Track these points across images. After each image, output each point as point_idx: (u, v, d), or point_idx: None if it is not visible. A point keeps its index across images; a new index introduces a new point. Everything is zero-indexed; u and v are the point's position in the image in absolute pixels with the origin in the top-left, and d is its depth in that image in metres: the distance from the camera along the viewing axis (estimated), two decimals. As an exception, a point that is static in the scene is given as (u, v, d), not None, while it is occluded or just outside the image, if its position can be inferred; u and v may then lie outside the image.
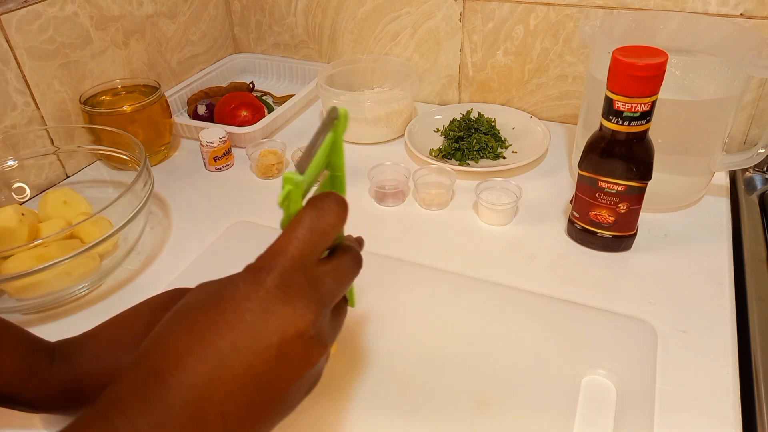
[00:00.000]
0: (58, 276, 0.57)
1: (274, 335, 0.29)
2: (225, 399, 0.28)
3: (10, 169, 0.74)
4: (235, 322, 0.29)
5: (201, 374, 0.28)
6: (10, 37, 0.72)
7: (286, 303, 0.30)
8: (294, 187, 0.32)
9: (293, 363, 0.30)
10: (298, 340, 0.30)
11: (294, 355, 0.30)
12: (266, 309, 0.30)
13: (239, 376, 0.29)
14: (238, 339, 0.29)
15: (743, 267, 0.61)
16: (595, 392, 0.49)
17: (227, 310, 0.30)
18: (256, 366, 0.29)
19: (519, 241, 0.67)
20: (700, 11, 0.75)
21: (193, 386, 0.28)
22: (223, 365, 0.29)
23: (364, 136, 0.88)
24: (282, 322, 0.30)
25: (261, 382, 0.29)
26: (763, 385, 0.48)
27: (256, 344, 0.29)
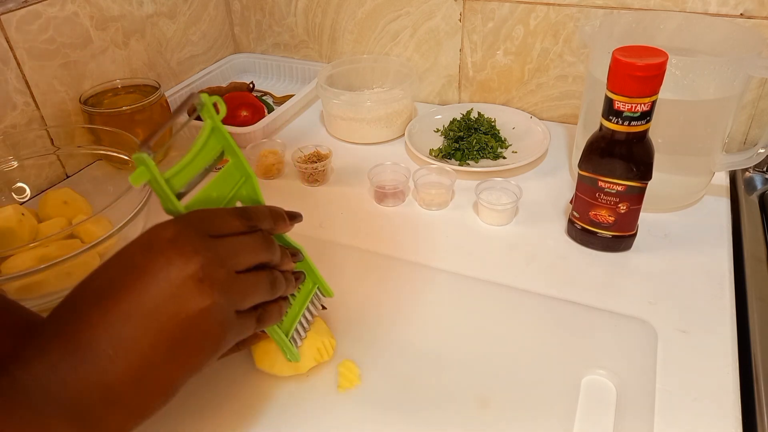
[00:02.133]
0: (58, 276, 0.57)
1: (166, 277, 0.33)
2: (117, 338, 0.32)
3: (10, 169, 0.74)
4: (130, 273, 0.34)
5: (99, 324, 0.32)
6: (10, 37, 0.72)
7: (176, 251, 0.34)
8: (144, 166, 0.35)
9: (185, 303, 0.33)
10: (188, 281, 0.33)
11: (184, 295, 0.33)
12: (160, 256, 0.34)
13: (131, 319, 0.32)
14: (131, 287, 0.33)
15: (743, 267, 0.61)
16: (595, 392, 0.49)
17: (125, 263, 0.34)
18: (147, 307, 0.33)
19: (519, 241, 0.67)
20: (700, 11, 0.75)
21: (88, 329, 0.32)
22: (117, 312, 0.32)
23: (364, 136, 0.88)
24: (172, 265, 0.33)
25: (155, 321, 0.33)
26: (763, 385, 0.48)
27: (150, 286, 0.33)
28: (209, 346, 0.35)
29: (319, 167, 0.77)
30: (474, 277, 0.61)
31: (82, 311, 0.33)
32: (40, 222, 0.66)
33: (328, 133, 0.92)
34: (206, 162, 0.41)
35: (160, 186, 0.37)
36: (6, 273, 0.54)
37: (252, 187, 0.46)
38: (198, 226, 0.36)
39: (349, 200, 0.76)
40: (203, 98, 0.40)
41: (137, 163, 0.35)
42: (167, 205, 0.38)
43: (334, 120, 0.89)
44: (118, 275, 0.34)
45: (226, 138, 0.42)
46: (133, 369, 0.32)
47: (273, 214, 0.42)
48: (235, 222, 0.38)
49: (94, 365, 0.31)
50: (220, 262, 0.35)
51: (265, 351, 0.50)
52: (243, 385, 0.50)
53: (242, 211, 0.40)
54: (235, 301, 0.36)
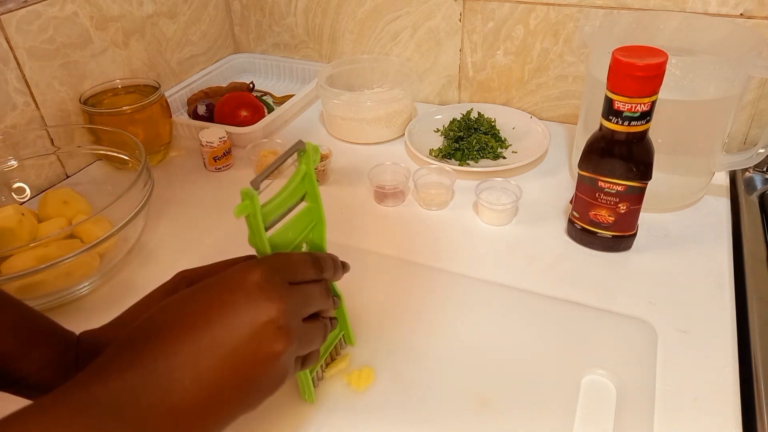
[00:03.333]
0: (58, 276, 0.57)
1: (250, 319, 0.35)
2: (194, 370, 0.33)
3: (10, 169, 0.74)
4: (216, 309, 0.35)
5: (178, 352, 0.33)
6: (10, 37, 0.72)
7: (262, 295, 0.35)
8: (250, 201, 0.37)
9: (261, 345, 0.35)
10: (269, 325, 0.35)
11: (263, 338, 0.35)
12: (246, 298, 0.35)
13: (211, 352, 0.33)
14: (216, 322, 0.34)
15: (743, 267, 0.61)
16: (595, 392, 0.49)
17: (212, 299, 0.35)
18: (228, 344, 0.34)
19: (519, 241, 0.67)
20: (700, 11, 0.75)
21: (167, 356, 0.33)
22: (199, 344, 0.33)
23: (364, 136, 0.88)
24: (257, 308, 0.35)
25: (231, 360, 0.34)
26: (763, 385, 0.48)
27: (233, 325, 0.34)
28: (270, 388, 0.36)
29: (319, 167, 0.77)
30: (474, 277, 0.61)
31: (163, 337, 0.34)
32: (40, 222, 0.66)
33: (328, 133, 0.92)
34: (291, 203, 0.43)
35: (258, 223, 0.38)
36: (6, 273, 0.54)
37: (320, 232, 0.47)
38: (282, 272, 0.38)
39: (349, 200, 0.76)
40: (307, 145, 0.43)
41: (244, 197, 0.37)
42: (256, 241, 0.40)
43: (334, 120, 0.89)
44: (203, 309, 0.35)
45: (313, 184, 0.44)
46: (203, 401, 0.33)
47: (335, 264, 0.44)
48: (310, 271, 0.40)
49: (169, 392, 0.32)
50: (297, 310, 0.37)
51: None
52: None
53: (316, 259, 0.42)
54: (301, 348, 0.38)
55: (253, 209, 0.37)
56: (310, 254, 0.42)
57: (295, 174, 0.43)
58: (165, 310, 0.36)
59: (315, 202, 0.45)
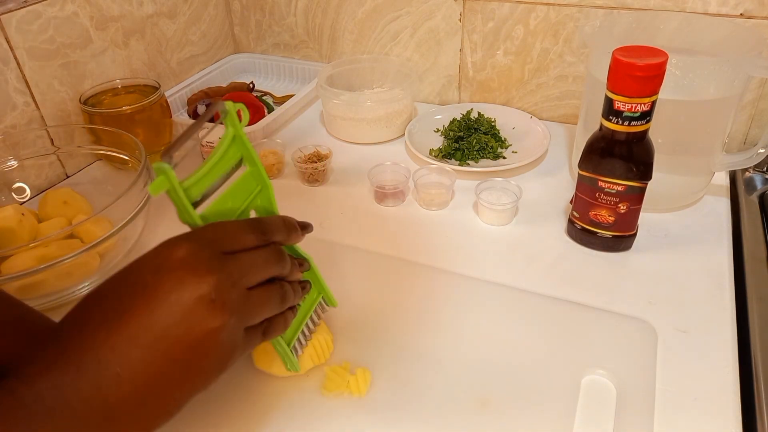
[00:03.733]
0: (58, 276, 0.57)
1: (177, 299, 0.32)
2: (124, 360, 0.31)
3: (10, 169, 0.74)
4: (140, 293, 0.33)
5: (105, 344, 0.31)
6: (10, 37, 0.72)
7: (188, 271, 0.33)
8: (164, 176, 0.35)
9: (195, 324, 0.33)
10: (200, 302, 0.33)
11: (195, 316, 0.33)
12: (171, 276, 0.33)
13: (141, 339, 0.32)
14: (141, 306, 0.32)
15: (743, 267, 0.61)
16: (595, 392, 0.49)
17: (134, 282, 0.34)
18: (157, 328, 0.32)
19: (519, 241, 0.67)
20: (700, 11, 0.75)
21: (93, 349, 0.31)
22: (127, 332, 0.32)
23: (364, 136, 0.88)
24: (184, 286, 0.33)
25: (165, 342, 0.32)
26: (763, 385, 0.48)
27: (160, 308, 0.32)
28: (216, 366, 0.35)
29: (319, 167, 0.77)
30: (474, 277, 0.61)
31: (88, 330, 0.32)
32: (40, 222, 0.66)
33: (328, 133, 0.92)
34: (224, 170, 0.40)
35: (179, 197, 0.36)
36: (6, 273, 0.54)
37: (268, 196, 0.45)
38: (212, 244, 0.35)
39: (349, 200, 0.76)
40: (227, 106, 0.40)
41: (157, 172, 0.35)
42: (184, 217, 0.38)
43: (334, 120, 0.89)
44: (127, 294, 0.33)
45: (247, 146, 0.42)
46: (138, 390, 0.32)
47: (286, 226, 0.42)
48: (249, 237, 0.38)
49: (99, 385, 0.31)
50: (233, 281, 0.35)
51: (264, 350, 0.50)
52: (241, 383, 0.50)
53: (256, 224, 0.39)
54: (246, 319, 0.36)
55: (169, 184, 0.35)
56: (248, 219, 0.40)
57: (222, 138, 0.40)
58: (88, 300, 0.34)
59: (254, 165, 0.42)
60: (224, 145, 0.40)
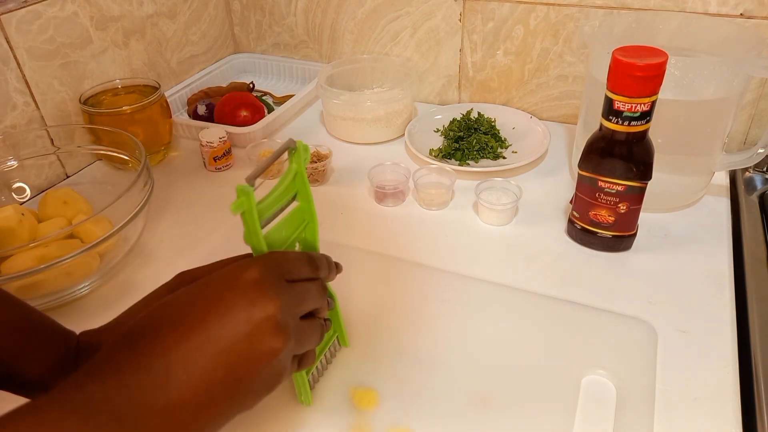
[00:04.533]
0: (58, 276, 0.57)
1: (247, 316, 0.34)
2: (190, 367, 0.33)
3: (10, 169, 0.74)
4: (213, 306, 0.35)
5: (174, 349, 0.33)
6: (10, 37, 0.72)
7: (259, 293, 0.35)
8: (246, 197, 0.37)
9: (259, 343, 0.34)
10: (266, 322, 0.35)
11: (260, 335, 0.34)
12: (243, 295, 0.35)
13: (208, 350, 0.33)
14: (213, 319, 0.34)
15: (743, 267, 0.61)
16: (595, 392, 0.49)
17: (209, 296, 0.35)
18: (225, 341, 0.34)
19: (519, 241, 0.67)
20: (700, 11, 0.75)
21: (164, 354, 0.33)
22: (196, 341, 0.33)
23: (364, 136, 0.88)
24: (254, 306, 0.35)
25: (230, 355, 0.34)
26: (763, 385, 0.48)
27: (231, 322, 0.34)
28: (267, 386, 0.36)
29: (319, 167, 0.77)
30: (474, 277, 0.61)
31: (160, 335, 0.34)
32: (40, 222, 0.66)
33: (328, 133, 0.92)
34: (283, 201, 0.43)
35: (254, 219, 0.38)
36: (6, 273, 0.54)
37: (313, 231, 0.47)
38: (279, 270, 0.38)
39: (349, 200, 0.76)
40: (297, 144, 0.43)
41: (240, 194, 0.37)
42: (251, 238, 0.39)
43: (334, 120, 0.89)
44: (199, 306, 0.35)
45: (305, 183, 0.45)
46: (198, 398, 0.33)
47: (329, 264, 0.44)
48: (306, 269, 0.40)
49: (165, 389, 0.32)
50: (293, 308, 0.37)
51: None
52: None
53: (311, 258, 0.42)
54: (299, 346, 0.38)
55: (248, 206, 0.37)
56: (305, 253, 0.42)
57: (286, 172, 0.43)
58: (161, 308, 0.36)
59: (306, 201, 0.45)
60: (288, 178, 0.43)
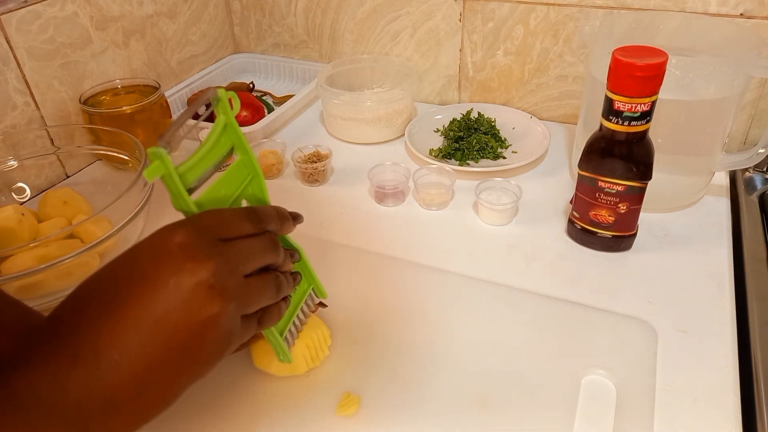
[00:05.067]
0: (58, 276, 0.57)
1: (176, 284, 0.32)
2: (122, 347, 0.31)
3: (10, 169, 0.74)
4: (138, 279, 0.33)
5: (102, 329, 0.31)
6: (10, 37, 0.72)
7: (187, 256, 0.33)
8: (160, 161, 0.34)
9: (194, 310, 0.32)
10: (199, 287, 0.33)
11: (194, 302, 0.32)
12: (170, 262, 0.33)
13: (139, 326, 0.31)
14: (139, 293, 0.32)
15: (743, 267, 0.61)
16: (595, 392, 0.49)
17: (132, 268, 0.33)
18: (156, 315, 0.32)
19: (519, 241, 0.67)
20: (700, 11, 0.75)
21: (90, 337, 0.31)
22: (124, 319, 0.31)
23: (364, 136, 0.88)
24: (183, 272, 0.32)
25: (164, 328, 0.32)
26: (763, 385, 0.48)
27: (159, 294, 0.32)
28: (215, 353, 0.34)
29: (319, 167, 0.77)
30: (474, 277, 0.61)
31: (85, 317, 0.32)
32: (40, 222, 0.66)
33: (328, 133, 0.92)
34: (217, 158, 0.40)
35: (174, 182, 0.36)
36: (6, 273, 0.54)
37: (259, 185, 0.45)
38: (209, 230, 0.35)
39: (349, 200, 0.76)
40: (219, 93, 0.40)
41: (153, 157, 0.34)
42: (179, 203, 0.37)
43: (334, 120, 0.89)
44: (125, 280, 0.33)
45: (238, 134, 0.42)
46: (137, 377, 0.31)
47: (279, 215, 0.42)
48: (245, 225, 0.38)
49: (97, 373, 0.30)
50: (231, 267, 0.35)
51: (264, 350, 0.50)
52: (240, 383, 0.50)
53: (252, 212, 0.39)
54: (244, 306, 0.36)
55: (165, 169, 0.35)
56: (244, 208, 0.40)
57: (214, 126, 0.40)
58: (82, 288, 0.34)
59: (245, 153, 0.43)
60: (216, 132, 0.40)
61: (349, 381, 0.50)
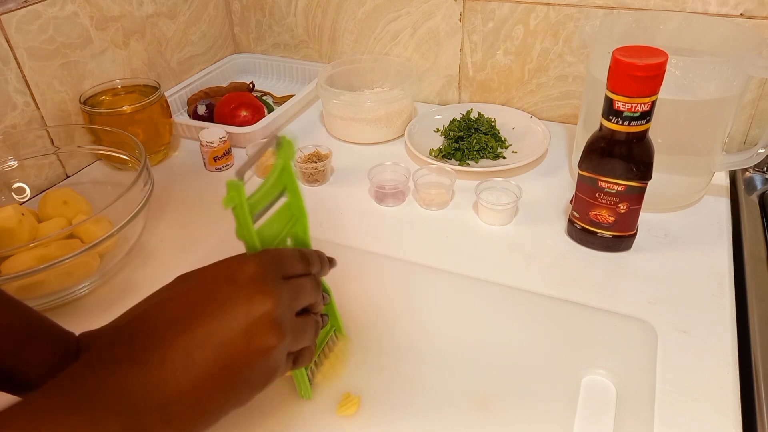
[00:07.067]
0: (58, 276, 0.57)
1: (245, 311, 0.35)
2: (187, 360, 0.33)
3: (10, 169, 0.74)
4: (211, 302, 0.35)
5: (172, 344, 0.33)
6: (10, 37, 0.72)
7: (257, 289, 0.36)
8: (236, 191, 0.37)
9: (255, 339, 0.35)
10: (263, 318, 0.35)
11: (257, 331, 0.35)
12: (241, 291, 0.35)
13: (205, 344, 0.34)
14: (210, 314, 0.34)
15: (743, 267, 0.61)
16: (595, 392, 0.49)
17: (206, 292, 0.36)
18: (221, 337, 0.34)
19: (519, 241, 0.67)
20: (700, 11, 0.75)
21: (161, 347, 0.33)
22: (193, 336, 0.34)
23: (364, 136, 0.88)
24: (252, 302, 0.35)
25: (226, 350, 0.34)
26: (763, 385, 0.48)
27: (228, 317, 0.34)
28: (259, 382, 0.37)
29: (319, 167, 0.77)
30: (474, 277, 0.61)
31: (157, 330, 0.34)
32: (40, 222, 0.66)
33: (328, 133, 0.92)
34: (272, 197, 0.43)
35: (245, 213, 0.38)
36: (6, 273, 0.54)
37: (303, 226, 0.47)
38: (275, 267, 0.38)
39: (349, 200, 0.76)
40: (282, 139, 0.43)
41: (230, 188, 0.37)
42: (242, 233, 0.40)
43: (334, 120, 0.89)
44: (198, 301, 0.35)
45: (292, 178, 0.44)
46: (194, 392, 0.33)
47: (321, 259, 0.44)
48: (300, 265, 0.41)
49: (161, 383, 0.32)
50: (290, 304, 0.37)
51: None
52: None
53: (303, 254, 0.42)
54: (294, 343, 0.38)
55: (239, 200, 0.37)
56: (298, 249, 0.42)
57: (273, 168, 0.43)
58: (158, 303, 0.36)
59: (295, 196, 0.45)
60: (275, 174, 0.43)
61: (349, 381, 0.50)
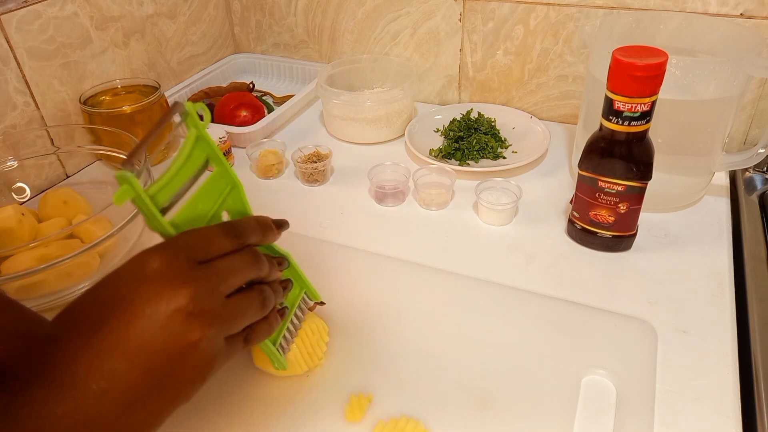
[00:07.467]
0: (58, 276, 0.57)
1: (153, 311, 0.32)
2: (100, 374, 0.31)
3: (10, 169, 0.74)
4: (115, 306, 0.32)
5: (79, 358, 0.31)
6: (10, 37, 0.72)
7: (166, 283, 0.33)
8: (128, 185, 0.34)
9: (173, 337, 0.32)
10: (177, 314, 0.32)
11: (172, 329, 0.32)
12: (147, 288, 0.32)
13: (116, 353, 0.31)
14: (116, 319, 0.32)
15: (743, 267, 0.61)
16: (595, 392, 0.49)
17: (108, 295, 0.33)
18: (134, 342, 0.32)
19: (519, 241, 0.67)
20: (700, 11, 0.75)
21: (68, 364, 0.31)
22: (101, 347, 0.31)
23: (364, 136, 0.88)
24: (160, 298, 0.32)
25: (143, 355, 0.32)
26: (763, 385, 0.48)
27: (136, 321, 0.32)
28: (197, 378, 0.34)
29: (319, 167, 0.77)
30: (474, 277, 0.61)
31: (64, 345, 0.32)
32: (40, 222, 0.66)
33: (328, 133, 0.92)
34: (191, 173, 0.39)
35: (146, 204, 0.35)
36: (6, 273, 0.54)
37: (239, 196, 0.44)
38: (187, 253, 0.34)
39: (349, 200, 0.76)
40: (187, 106, 0.39)
41: (120, 181, 0.34)
42: (153, 224, 0.37)
43: (334, 120, 0.88)
44: (101, 308, 0.33)
45: (212, 146, 0.41)
46: (118, 404, 0.31)
47: (261, 226, 0.41)
48: (223, 242, 0.37)
49: (77, 401, 0.30)
50: (210, 290, 0.34)
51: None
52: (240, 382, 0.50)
53: (230, 228, 0.38)
54: (226, 328, 0.36)
55: (133, 193, 0.34)
56: (221, 224, 0.38)
57: (185, 140, 0.39)
58: (65, 314, 0.34)
59: (221, 165, 0.42)
60: (187, 147, 0.39)
61: (349, 381, 0.50)
